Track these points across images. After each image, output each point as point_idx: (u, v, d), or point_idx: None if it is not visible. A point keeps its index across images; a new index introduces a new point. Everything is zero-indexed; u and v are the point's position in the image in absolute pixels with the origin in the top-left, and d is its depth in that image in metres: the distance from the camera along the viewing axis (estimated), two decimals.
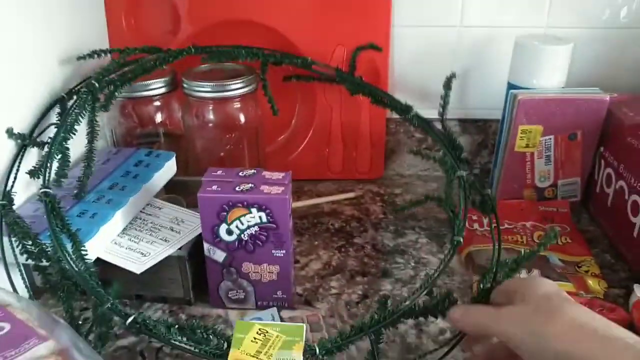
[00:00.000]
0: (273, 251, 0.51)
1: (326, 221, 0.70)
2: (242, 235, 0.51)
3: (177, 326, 0.43)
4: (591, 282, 0.54)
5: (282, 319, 0.52)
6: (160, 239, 0.55)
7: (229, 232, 0.51)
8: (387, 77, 0.76)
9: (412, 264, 0.61)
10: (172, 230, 0.57)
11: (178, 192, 0.66)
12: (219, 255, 0.52)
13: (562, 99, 0.65)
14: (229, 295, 0.54)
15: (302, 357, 0.40)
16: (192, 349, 0.42)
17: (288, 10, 0.73)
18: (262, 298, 0.54)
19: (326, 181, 0.80)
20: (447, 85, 0.67)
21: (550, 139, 0.67)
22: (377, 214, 0.72)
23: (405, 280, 0.58)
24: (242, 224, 0.50)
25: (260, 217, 0.50)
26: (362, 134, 0.78)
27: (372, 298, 0.56)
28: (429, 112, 0.71)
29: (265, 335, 0.42)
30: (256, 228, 0.50)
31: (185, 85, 0.67)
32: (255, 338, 0.42)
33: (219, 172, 0.53)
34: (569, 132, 0.66)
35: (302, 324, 0.43)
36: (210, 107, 0.67)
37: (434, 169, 0.82)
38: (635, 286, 0.51)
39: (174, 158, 0.64)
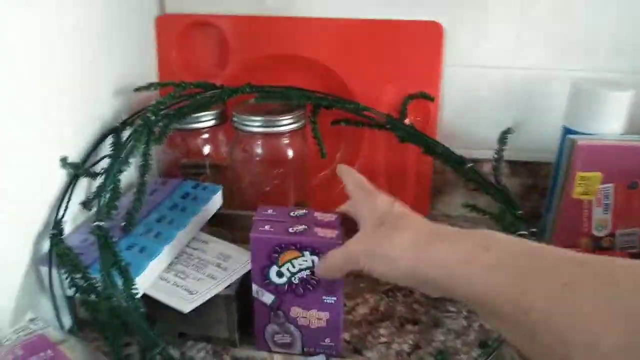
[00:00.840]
0: (323, 297, 0.49)
1: None
2: (293, 279, 0.49)
3: None
4: None
5: None
6: (207, 275, 0.54)
7: (280, 275, 0.49)
8: (437, 121, 0.75)
9: (465, 314, 0.59)
10: (218, 266, 0.55)
11: (221, 225, 0.65)
12: (268, 298, 0.51)
13: (622, 146, 0.63)
14: (275, 339, 0.52)
15: None
16: None
17: (337, 46, 0.73)
18: (310, 344, 0.52)
19: None
20: (502, 140, 0.66)
21: (610, 187, 0.64)
22: None
23: (458, 331, 0.56)
24: (294, 267, 0.49)
25: (312, 261, 0.48)
26: (408, 172, 0.77)
27: (424, 349, 0.53)
28: (476, 153, 0.70)
29: None
30: (308, 272, 0.49)
31: (235, 119, 0.66)
32: None
33: (270, 212, 0.52)
34: (630, 180, 0.64)
35: None
36: (259, 142, 0.66)
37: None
38: None
39: (220, 191, 0.64)
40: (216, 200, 0.63)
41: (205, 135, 0.70)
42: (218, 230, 0.64)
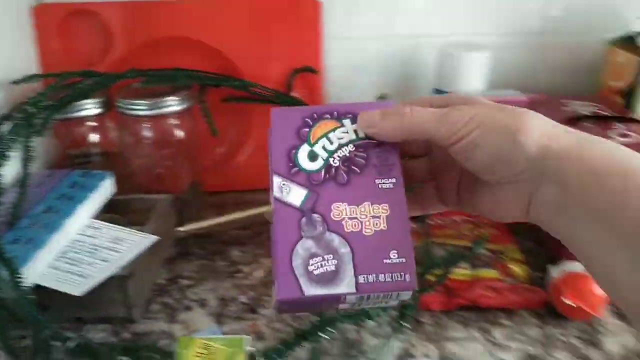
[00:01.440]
0: (377, 180, 0.33)
1: (268, 230, 0.71)
2: (332, 160, 0.33)
3: (120, 347, 0.44)
4: (514, 268, 0.59)
5: (223, 333, 0.53)
6: (100, 259, 0.55)
7: (313, 157, 0.34)
8: (321, 92, 0.79)
9: None
10: (112, 250, 0.57)
11: (117, 211, 0.66)
12: (297, 195, 0.32)
13: None
14: (311, 268, 0.31)
15: None
16: None
17: (221, 26, 0.74)
18: (365, 267, 0.31)
19: (268, 191, 0.81)
20: None
21: None
22: None
23: None
24: (331, 142, 0.34)
25: (355, 132, 0.34)
26: None
27: None
28: None
29: (208, 349, 0.43)
30: (351, 147, 0.34)
31: (119, 104, 0.67)
32: (198, 352, 0.43)
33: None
34: None
35: (244, 335, 0.44)
36: (147, 125, 0.67)
37: None
38: (550, 267, 0.56)
39: (110, 178, 0.64)
40: (106, 187, 0.64)
41: (92, 124, 0.70)
42: (112, 217, 0.65)
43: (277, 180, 0.33)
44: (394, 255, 0.31)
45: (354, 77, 0.81)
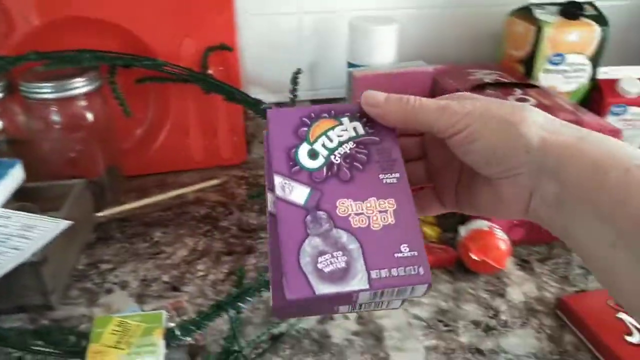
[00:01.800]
0: (380, 176, 0.33)
1: (191, 210, 0.71)
2: (333, 158, 0.33)
3: (31, 332, 0.43)
4: (426, 229, 0.62)
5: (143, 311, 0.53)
6: (11, 248, 0.53)
7: (313, 156, 0.33)
8: (239, 70, 0.79)
9: None
10: (23, 238, 0.55)
11: (30, 199, 0.63)
12: (300, 193, 0.32)
13: (393, 73, 0.72)
14: (320, 266, 0.29)
15: (162, 341, 0.42)
16: (51, 350, 0.42)
17: (129, 4, 0.72)
18: (377, 261, 0.30)
19: (190, 171, 0.81)
20: (294, 80, 0.72)
21: None
22: (242, 196, 0.75)
23: (267, 253, 0.62)
24: (331, 140, 0.34)
25: (355, 129, 0.34)
26: (221, 122, 0.80)
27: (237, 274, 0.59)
28: (285, 96, 0.76)
29: (124, 326, 0.43)
30: (352, 144, 0.33)
31: (23, 88, 0.64)
32: (114, 330, 0.43)
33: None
34: None
35: (161, 311, 0.45)
36: (54, 108, 0.65)
37: None
38: (460, 227, 0.60)
39: (19, 165, 0.62)
40: (15, 175, 0.61)
41: None
42: (24, 205, 0.62)
43: (278, 180, 0.32)
44: (405, 249, 0.30)
45: (271, 53, 0.81)
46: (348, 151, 0.33)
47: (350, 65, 0.75)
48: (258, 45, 0.81)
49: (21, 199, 0.63)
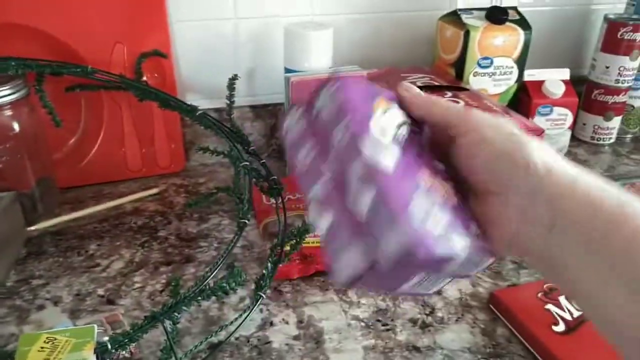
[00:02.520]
0: (434, 162, 0.34)
1: (128, 220, 0.70)
2: (397, 137, 0.33)
3: None
4: None
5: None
6: None
7: (383, 132, 0.32)
8: (174, 77, 0.78)
9: (215, 245, 0.65)
10: None
11: None
12: (391, 156, 0.31)
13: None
14: (429, 228, 0.30)
15: (93, 356, 0.41)
16: None
17: (56, 10, 0.69)
18: (467, 232, 0.32)
19: (127, 181, 0.79)
20: (231, 86, 0.72)
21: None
22: (181, 205, 0.74)
23: (208, 262, 0.61)
24: (392, 119, 0.34)
25: (402, 115, 0.35)
26: (158, 130, 0.79)
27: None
28: (220, 102, 0.75)
29: (53, 343, 0.42)
30: (406, 128, 0.34)
31: None
32: (42, 347, 0.41)
33: None
34: None
35: (92, 325, 0.43)
36: None
37: None
38: None
39: None
40: None
41: None
42: None
43: (367, 142, 0.31)
44: (473, 227, 0.32)
45: (207, 60, 0.81)
46: (405, 134, 0.33)
47: (287, 70, 0.75)
48: (194, 52, 0.80)
49: None
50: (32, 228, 0.66)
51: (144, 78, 0.75)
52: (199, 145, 0.78)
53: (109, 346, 0.42)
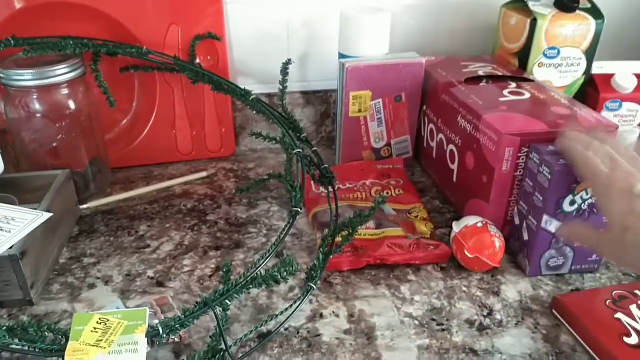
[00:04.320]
0: (604, 218, 0.47)
1: (178, 203, 0.69)
2: (583, 205, 0.51)
3: (5, 328, 0.41)
4: (419, 225, 0.61)
5: (128, 308, 0.51)
6: None
7: (572, 203, 0.51)
8: (227, 61, 0.77)
9: (265, 232, 0.63)
10: (1, 230, 0.53)
11: (9, 190, 0.61)
12: (554, 227, 0.53)
13: (385, 65, 0.71)
14: (549, 263, 0.55)
15: (145, 339, 0.41)
16: (27, 349, 0.40)
17: None
18: (578, 262, 0.55)
19: (177, 163, 0.79)
20: (284, 71, 0.70)
21: (379, 102, 0.72)
22: (231, 189, 0.73)
23: (257, 248, 0.60)
24: (587, 193, 0.51)
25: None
26: (209, 113, 0.78)
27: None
28: (275, 87, 0.74)
29: (105, 324, 0.41)
30: (591, 199, 0.51)
31: (2, 76, 0.61)
32: (95, 328, 0.41)
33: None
34: (395, 94, 0.73)
35: (144, 308, 0.43)
36: (35, 97, 0.63)
37: None
38: (454, 223, 0.59)
39: None
40: None
41: None
42: (3, 196, 0.60)
43: (545, 218, 0.52)
44: (594, 257, 0.56)
45: (260, 44, 0.79)
46: (592, 201, 0.51)
47: (342, 56, 0.73)
48: (247, 35, 0.79)
49: (1, 191, 0.61)
50: (84, 207, 0.67)
51: (197, 60, 0.74)
52: (251, 130, 0.77)
53: (161, 330, 0.42)
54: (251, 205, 0.69)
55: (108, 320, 0.42)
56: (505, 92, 0.65)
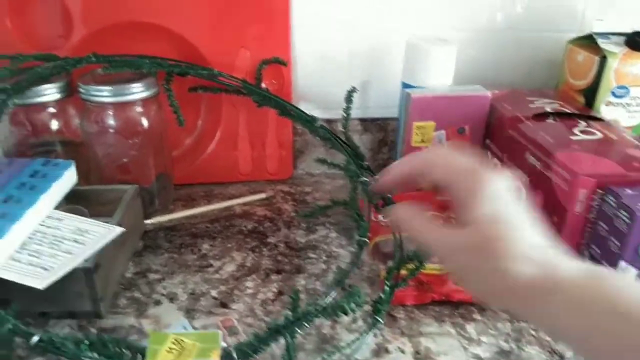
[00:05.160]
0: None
1: (239, 223, 0.70)
2: None
3: (86, 342, 0.42)
4: None
5: (194, 328, 0.52)
6: (63, 251, 0.53)
7: None
8: (291, 83, 0.78)
9: (324, 258, 0.64)
10: (75, 242, 0.54)
11: (80, 202, 0.63)
12: (631, 272, 0.52)
13: (450, 97, 0.71)
14: None
15: None
16: None
17: (187, 12, 0.72)
18: None
19: (236, 183, 0.80)
20: (348, 99, 0.71)
21: (442, 133, 0.72)
22: (289, 212, 0.74)
23: (317, 274, 0.61)
24: None
25: None
26: (270, 136, 0.80)
27: (287, 294, 0.57)
28: (333, 113, 0.75)
29: (181, 345, 0.42)
30: None
31: (82, 90, 0.64)
32: (170, 348, 0.42)
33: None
34: (458, 126, 0.72)
35: (217, 331, 0.44)
36: (110, 112, 0.65)
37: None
38: None
39: (73, 167, 0.62)
40: (69, 177, 0.61)
41: (52, 110, 0.66)
42: (75, 208, 0.62)
43: (622, 264, 0.51)
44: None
45: (322, 68, 0.80)
46: None
47: (405, 85, 0.74)
48: (310, 60, 0.80)
49: (72, 202, 0.63)
50: (149, 222, 0.68)
51: (263, 84, 0.75)
52: (317, 157, 0.78)
53: (234, 354, 0.42)
54: (310, 230, 0.69)
55: (183, 341, 0.42)
56: (576, 130, 0.64)
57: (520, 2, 0.80)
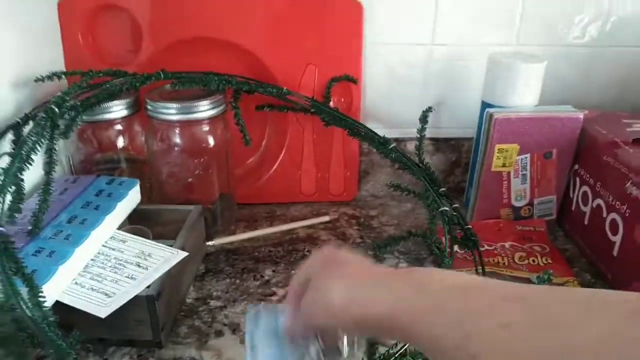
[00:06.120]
0: None
1: (302, 248, 0.67)
2: None
3: None
4: None
5: None
6: (126, 276, 0.51)
7: None
8: (360, 102, 0.74)
9: None
10: (138, 266, 0.52)
11: (142, 222, 0.61)
12: None
13: (537, 118, 0.65)
14: None
15: None
16: None
17: (255, 27, 0.70)
18: None
19: (299, 204, 0.77)
20: (424, 119, 0.66)
21: (526, 157, 0.66)
22: (354, 237, 0.69)
23: None
24: None
25: None
26: (336, 156, 0.76)
27: None
28: (400, 132, 0.70)
29: None
30: None
31: (149, 107, 0.63)
32: None
33: None
34: (545, 150, 0.66)
35: None
36: (177, 130, 0.63)
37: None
38: None
39: (137, 185, 0.60)
40: (133, 196, 0.59)
41: (119, 127, 0.65)
42: (138, 228, 0.60)
43: None
44: None
45: (394, 86, 0.76)
46: None
47: (486, 104, 0.68)
48: (381, 78, 0.76)
49: (134, 222, 0.61)
50: (210, 243, 0.66)
51: (331, 102, 0.72)
52: (383, 177, 0.73)
53: None
54: (377, 258, 0.65)
55: None
56: None
57: (615, 15, 0.73)
